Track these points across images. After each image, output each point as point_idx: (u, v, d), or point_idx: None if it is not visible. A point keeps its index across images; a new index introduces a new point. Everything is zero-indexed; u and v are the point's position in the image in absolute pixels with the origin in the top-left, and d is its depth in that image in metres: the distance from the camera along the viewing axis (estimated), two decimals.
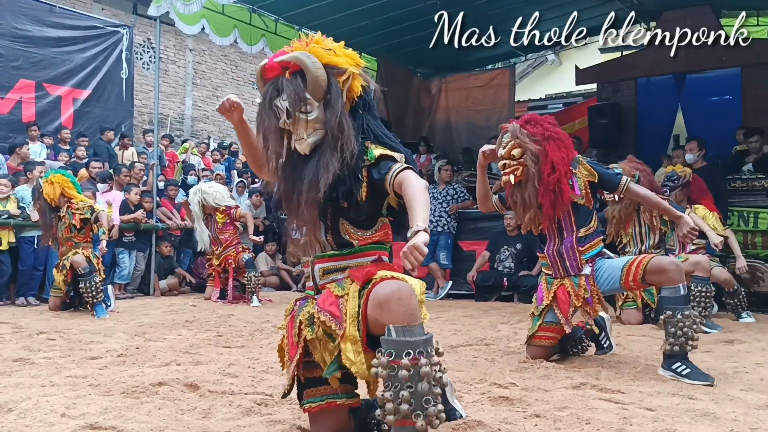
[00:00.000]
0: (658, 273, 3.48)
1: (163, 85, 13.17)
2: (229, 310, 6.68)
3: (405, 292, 1.98)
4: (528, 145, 3.61)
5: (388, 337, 1.94)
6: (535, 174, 3.58)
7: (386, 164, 2.17)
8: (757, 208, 7.12)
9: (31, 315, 6.13)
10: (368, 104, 2.31)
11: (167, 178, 9.96)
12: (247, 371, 3.45)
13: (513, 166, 3.65)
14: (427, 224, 1.97)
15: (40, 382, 3.16)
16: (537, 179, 3.59)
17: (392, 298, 1.96)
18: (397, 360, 1.90)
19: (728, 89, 9.84)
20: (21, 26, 10.09)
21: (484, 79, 12.15)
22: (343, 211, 2.24)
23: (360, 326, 2.07)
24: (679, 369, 3.32)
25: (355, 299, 2.10)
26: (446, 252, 8.48)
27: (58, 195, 6.28)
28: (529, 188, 3.63)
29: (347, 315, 2.09)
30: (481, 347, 4.36)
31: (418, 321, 1.96)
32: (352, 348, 2.07)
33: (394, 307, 1.95)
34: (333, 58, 2.23)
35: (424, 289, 2.15)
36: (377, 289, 2.03)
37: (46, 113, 10.34)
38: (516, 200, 3.73)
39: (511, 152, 3.65)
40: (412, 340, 1.92)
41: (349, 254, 2.24)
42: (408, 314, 1.94)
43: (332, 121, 2.19)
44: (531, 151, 3.60)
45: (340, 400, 2.25)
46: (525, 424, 2.48)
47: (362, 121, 2.27)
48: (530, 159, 3.60)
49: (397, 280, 2.03)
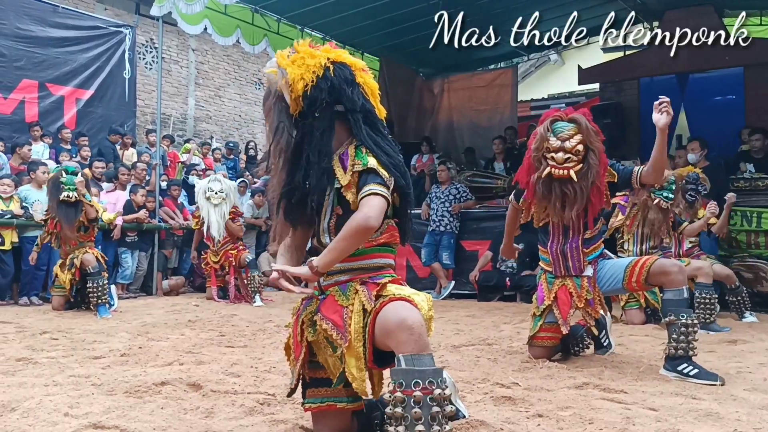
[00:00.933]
0: (661, 275, 3.48)
1: (166, 85, 13.19)
2: (231, 310, 6.68)
3: (415, 321, 1.96)
4: (595, 143, 3.56)
5: (398, 367, 1.93)
6: (598, 173, 3.54)
7: (366, 179, 2.15)
8: (760, 208, 7.10)
9: (34, 315, 6.14)
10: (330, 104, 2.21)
11: (170, 178, 9.97)
12: (250, 371, 3.45)
13: (575, 161, 3.56)
14: (321, 264, 2.11)
15: (43, 381, 3.17)
16: (598, 177, 3.55)
17: (402, 327, 1.95)
18: (408, 390, 1.88)
19: (731, 89, 9.82)
20: (24, 26, 10.11)
21: (487, 78, 12.14)
22: (344, 217, 2.21)
23: (366, 344, 2.06)
24: (686, 370, 3.31)
25: (359, 314, 2.09)
26: (449, 252, 8.47)
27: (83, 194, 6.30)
28: (582, 184, 3.53)
29: (352, 330, 2.08)
30: (484, 347, 4.35)
31: (427, 350, 1.95)
32: (356, 364, 2.07)
33: (403, 337, 1.94)
34: (283, 60, 2.24)
35: (431, 304, 2.14)
36: (386, 313, 2.01)
37: (49, 113, 10.36)
38: (556, 193, 3.59)
39: (577, 147, 3.56)
40: (422, 370, 1.90)
41: (353, 256, 2.21)
42: (417, 343, 1.93)
43: (271, 122, 2.25)
44: (597, 149, 3.56)
45: (341, 404, 2.25)
46: (528, 424, 2.48)
47: (312, 122, 2.20)
48: (594, 157, 3.54)
49: (406, 303, 2.02)
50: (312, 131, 2.21)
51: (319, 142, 2.20)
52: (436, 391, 1.88)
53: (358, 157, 2.19)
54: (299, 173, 2.20)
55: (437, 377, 1.91)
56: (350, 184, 2.18)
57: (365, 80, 2.30)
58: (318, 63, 2.21)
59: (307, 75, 2.19)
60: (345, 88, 2.22)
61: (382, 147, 2.24)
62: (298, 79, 2.19)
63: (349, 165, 2.20)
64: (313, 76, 2.20)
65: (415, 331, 1.94)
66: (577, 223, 3.70)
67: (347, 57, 2.31)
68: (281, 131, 2.21)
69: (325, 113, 2.21)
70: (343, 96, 2.22)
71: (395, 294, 2.08)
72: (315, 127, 2.21)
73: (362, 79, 2.29)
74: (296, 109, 2.22)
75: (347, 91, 2.23)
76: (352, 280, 2.21)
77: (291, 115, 2.22)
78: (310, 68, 2.20)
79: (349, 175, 2.19)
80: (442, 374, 1.95)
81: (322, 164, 2.19)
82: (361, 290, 2.15)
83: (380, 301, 2.07)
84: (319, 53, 2.25)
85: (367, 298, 2.10)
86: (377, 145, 2.23)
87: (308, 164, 2.19)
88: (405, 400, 1.87)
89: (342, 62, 2.26)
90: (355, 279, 2.21)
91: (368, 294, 2.11)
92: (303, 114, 2.22)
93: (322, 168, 2.19)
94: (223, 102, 15.01)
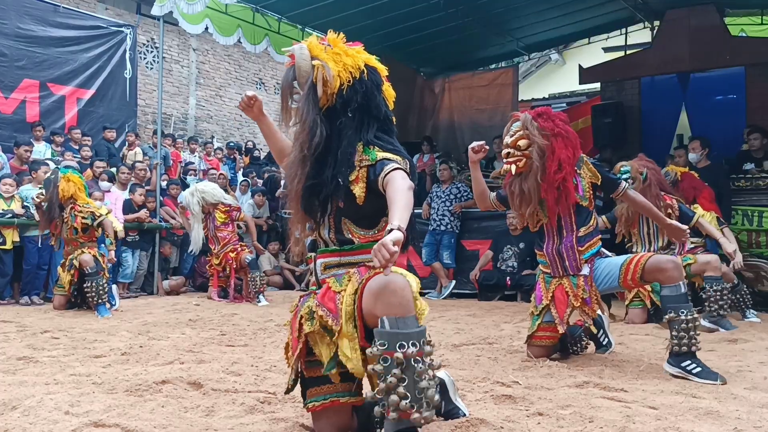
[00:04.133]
0: (656, 271, 3.48)
1: (167, 84, 13.21)
2: (232, 309, 6.68)
3: (399, 284, 1.98)
4: (536, 138, 3.58)
5: (382, 329, 1.94)
6: (539, 168, 3.57)
7: (382, 164, 2.19)
8: (761, 207, 7.11)
9: (35, 314, 6.14)
10: (361, 106, 2.27)
11: (170, 178, 9.97)
12: (251, 369, 3.46)
13: (517, 156, 3.63)
14: (403, 223, 1.93)
15: (44, 380, 3.17)
16: (540, 174, 3.57)
17: (386, 288, 1.97)
18: (391, 351, 1.90)
19: (732, 88, 9.81)
20: (25, 26, 10.12)
21: (488, 78, 12.13)
22: (344, 210, 2.26)
23: (356, 322, 2.08)
24: (690, 367, 3.31)
25: (351, 296, 2.10)
26: (449, 251, 8.48)
27: (69, 194, 6.29)
28: (530, 181, 3.60)
29: (343, 312, 2.10)
30: (484, 346, 4.36)
31: (411, 312, 1.96)
32: (349, 345, 2.09)
33: (387, 298, 1.96)
34: (320, 52, 2.25)
35: (419, 285, 2.16)
36: (371, 281, 2.04)
37: (50, 113, 10.37)
38: (514, 191, 3.70)
39: (518, 142, 3.63)
40: (406, 332, 1.92)
41: (350, 250, 2.27)
42: (401, 305, 1.95)
43: (301, 112, 2.24)
44: (538, 145, 3.58)
45: (343, 399, 2.25)
46: (528, 422, 2.47)
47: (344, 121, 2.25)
48: (536, 152, 3.57)
49: (391, 273, 2.03)
50: (344, 130, 2.26)
51: (351, 141, 2.25)
52: (414, 351, 1.89)
53: (365, 153, 2.25)
54: (329, 169, 2.23)
55: (420, 338, 1.93)
56: (358, 178, 2.23)
57: (386, 87, 2.37)
58: (355, 64, 2.27)
59: (344, 74, 2.25)
60: (376, 93, 2.30)
61: (396, 147, 2.31)
62: (336, 76, 2.23)
63: (357, 161, 2.24)
64: (350, 76, 2.25)
65: (398, 293, 1.95)
66: (567, 222, 3.72)
67: (376, 62, 2.38)
68: (317, 125, 2.22)
69: (356, 114, 2.27)
70: (373, 101, 2.29)
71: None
72: (347, 126, 2.26)
73: (385, 86, 2.36)
74: (325, 104, 2.25)
75: (377, 97, 2.30)
76: (347, 273, 2.23)
77: (320, 109, 2.25)
78: (347, 67, 2.25)
79: (357, 170, 2.23)
80: (425, 334, 1.97)
81: (351, 163, 2.23)
82: (353, 272, 2.18)
83: (366, 278, 2.09)
84: (353, 53, 2.29)
85: (357, 279, 2.13)
86: (391, 144, 2.30)
87: (338, 162, 2.22)
88: (388, 361, 1.89)
89: (373, 66, 2.34)
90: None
91: (359, 276, 2.14)
92: (333, 110, 2.26)
93: (350, 166, 2.23)
94: (224, 102, 15.02)
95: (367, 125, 2.29)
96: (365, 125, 2.29)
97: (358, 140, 2.27)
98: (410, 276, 2.13)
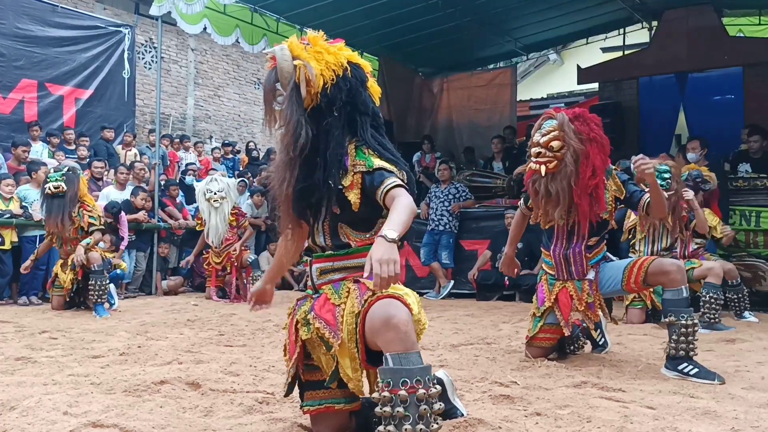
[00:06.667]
0: (660, 275, 3.47)
1: (165, 84, 13.19)
2: (230, 310, 6.68)
3: (401, 319, 1.92)
4: (572, 141, 3.48)
5: (386, 366, 1.91)
6: (573, 172, 3.48)
7: (381, 175, 2.12)
8: (759, 207, 7.12)
9: (33, 314, 6.14)
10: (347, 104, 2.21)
11: (168, 178, 9.97)
12: (249, 370, 3.46)
13: (548, 157, 3.53)
14: (395, 233, 1.89)
15: (43, 380, 3.17)
16: (574, 178, 3.48)
17: (388, 325, 1.92)
18: (395, 389, 1.86)
19: (730, 88, 9.83)
20: (23, 26, 10.11)
21: (486, 78, 12.16)
22: (340, 216, 2.21)
23: (359, 345, 2.04)
24: (687, 369, 3.31)
25: (352, 315, 2.06)
26: (448, 251, 8.47)
27: (83, 193, 6.33)
28: (561, 183, 3.50)
29: (345, 331, 2.06)
30: (483, 346, 4.36)
31: (414, 348, 1.92)
32: (350, 365, 2.07)
33: (389, 336, 1.91)
34: (301, 52, 2.20)
35: (420, 304, 2.11)
36: (373, 312, 1.98)
37: (48, 113, 10.36)
38: (538, 189, 3.59)
39: (551, 143, 3.53)
40: (409, 368, 1.88)
41: (346, 254, 2.22)
42: (403, 342, 1.90)
43: (285, 114, 2.18)
44: (574, 149, 3.48)
45: (339, 405, 2.24)
46: (526, 422, 2.48)
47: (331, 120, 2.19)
48: (570, 156, 3.48)
49: (393, 301, 1.98)
50: (331, 130, 2.20)
51: (339, 141, 2.20)
52: (420, 390, 1.86)
53: (359, 158, 2.18)
54: (319, 172, 2.18)
55: (425, 375, 1.89)
56: (353, 184, 2.17)
57: (371, 83, 2.32)
58: (338, 62, 2.21)
59: (327, 72, 2.18)
60: (361, 90, 2.24)
61: (387, 148, 2.25)
62: (318, 75, 2.17)
63: (350, 165, 2.19)
64: (333, 74, 2.19)
65: (401, 330, 1.91)
66: (582, 229, 3.64)
67: (359, 58, 2.33)
68: (302, 126, 2.16)
69: (342, 112, 2.21)
70: (358, 98, 2.23)
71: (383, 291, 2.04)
72: (333, 126, 2.20)
73: (370, 81, 2.31)
74: (309, 104, 2.20)
75: (362, 94, 2.25)
76: (345, 279, 2.20)
77: (305, 110, 2.19)
78: (330, 65, 2.19)
79: (351, 176, 2.17)
80: (430, 372, 1.93)
81: (341, 164, 2.18)
82: (353, 289, 2.13)
83: (368, 301, 2.04)
84: (335, 50, 2.23)
85: (358, 300, 2.07)
86: (382, 146, 2.24)
87: (328, 163, 2.17)
88: (393, 399, 1.86)
89: (357, 63, 2.28)
90: (348, 278, 2.20)
91: (360, 295, 2.08)
92: (318, 110, 2.20)
93: (340, 167, 2.18)
94: (222, 101, 15.01)
95: (360, 123, 2.23)
96: (355, 123, 2.23)
97: (346, 140, 2.22)
98: (411, 296, 2.08)
